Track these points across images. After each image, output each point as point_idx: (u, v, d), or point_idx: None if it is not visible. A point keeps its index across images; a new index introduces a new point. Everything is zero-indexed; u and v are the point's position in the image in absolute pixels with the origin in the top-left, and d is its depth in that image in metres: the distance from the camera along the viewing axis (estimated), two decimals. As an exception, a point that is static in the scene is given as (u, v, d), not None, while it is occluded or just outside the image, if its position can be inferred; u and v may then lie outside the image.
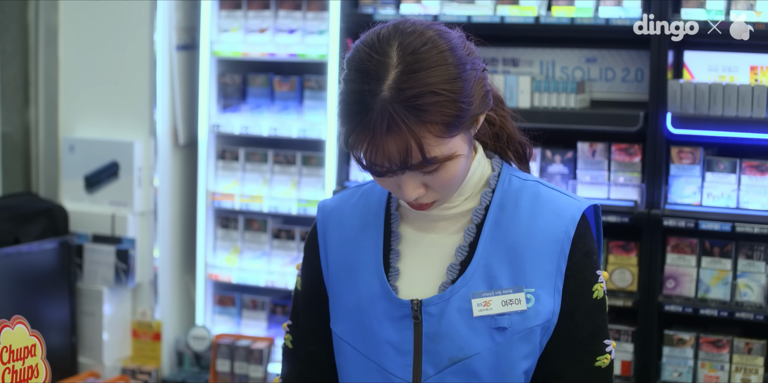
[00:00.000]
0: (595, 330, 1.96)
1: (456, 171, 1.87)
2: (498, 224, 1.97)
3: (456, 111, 1.81)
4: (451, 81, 1.81)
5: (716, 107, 3.74)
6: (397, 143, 1.79)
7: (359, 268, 2.01)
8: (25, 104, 5.04)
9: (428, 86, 1.78)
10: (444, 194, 1.92)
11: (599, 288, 1.97)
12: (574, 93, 4.02)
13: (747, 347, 3.82)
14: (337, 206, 2.10)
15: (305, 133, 4.53)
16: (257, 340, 4.68)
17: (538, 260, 1.93)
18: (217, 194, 4.74)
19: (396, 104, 1.77)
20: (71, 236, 4.64)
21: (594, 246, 1.99)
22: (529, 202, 1.98)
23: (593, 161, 4.00)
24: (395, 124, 1.77)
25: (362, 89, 1.81)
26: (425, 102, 1.78)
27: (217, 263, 4.80)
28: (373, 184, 2.09)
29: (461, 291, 1.93)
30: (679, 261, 3.91)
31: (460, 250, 1.97)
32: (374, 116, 1.78)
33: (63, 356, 4.59)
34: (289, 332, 2.12)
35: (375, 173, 1.86)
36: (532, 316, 1.92)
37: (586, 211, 1.99)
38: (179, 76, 4.75)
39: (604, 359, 1.96)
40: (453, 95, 1.80)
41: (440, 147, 1.82)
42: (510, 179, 2.01)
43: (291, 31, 4.54)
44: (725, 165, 3.83)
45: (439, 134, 1.80)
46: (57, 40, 4.88)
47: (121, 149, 4.70)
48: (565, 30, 3.98)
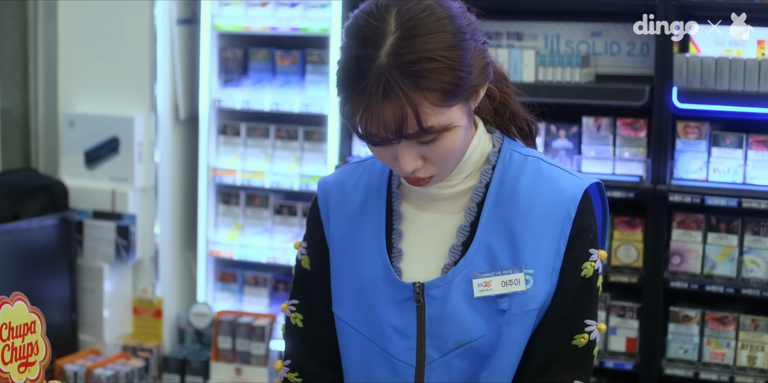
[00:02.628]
0: (576, 309, 1.92)
1: (454, 143, 1.84)
2: (498, 202, 1.93)
3: (454, 79, 1.78)
4: (450, 48, 1.78)
5: (722, 81, 3.72)
6: (393, 109, 1.76)
7: (362, 248, 1.98)
8: (25, 79, 5.01)
9: (426, 52, 1.76)
10: (442, 168, 1.88)
11: (589, 267, 1.93)
12: (579, 67, 3.99)
13: (753, 324, 3.81)
14: (337, 183, 2.07)
15: (307, 108, 4.50)
16: (259, 317, 4.67)
17: (538, 241, 1.90)
18: (218, 169, 4.72)
19: (393, 69, 1.75)
20: (71, 212, 4.63)
21: (592, 223, 1.95)
22: (529, 179, 1.94)
23: (598, 136, 3.98)
24: (392, 89, 1.75)
25: (359, 55, 1.78)
26: (422, 68, 1.75)
27: (218, 239, 4.78)
28: (373, 160, 2.06)
29: (463, 272, 1.91)
30: (685, 237, 3.89)
31: (461, 230, 1.94)
32: (370, 81, 1.76)
33: (63, 333, 4.58)
34: (297, 311, 2.07)
35: (371, 142, 1.83)
36: (530, 299, 1.89)
37: (590, 188, 1.96)
38: (180, 50, 4.73)
39: (581, 338, 1.92)
40: (451, 63, 1.78)
41: (437, 116, 1.79)
42: (511, 155, 1.98)
43: (293, 5, 4.51)
44: (731, 140, 3.81)
45: (437, 102, 1.77)
46: (56, 14, 4.85)
47: (122, 124, 4.67)
48: (569, 3, 3.97)
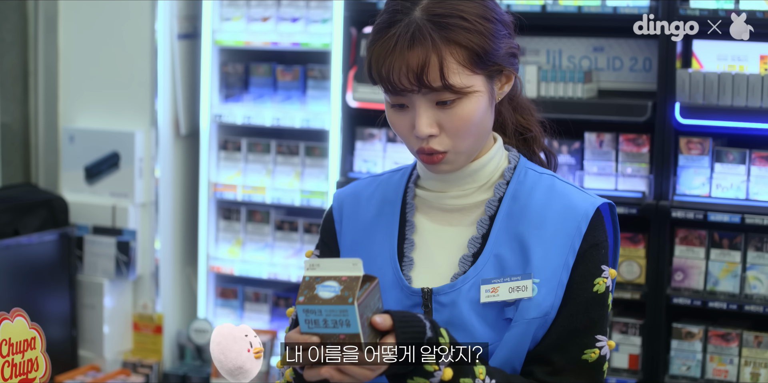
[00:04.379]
0: (588, 324, 1.94)
1: (472, 113, 1.88)
2: (510, 215, 1.97)
3: (481, 42, 1.86)
4: (482, 17, 1.88)
5: (725, 96, 3.71)
6: (419, 55, 1.83)
7: (373, 256, 2.01)
8: (25, 93, 5.01)
9: (460, 12, 1.87)
10: (456, 144, 1.91)
11: (601, 283, 1.95)
12: (581, 82, 3.98)
13: (756, 340, 3.79)
14: (352, 193, 2.11)
15: (308, 123, 4.50)
16: (260, 333, 4.64)
17: (547, 253, 1.93)
18: (219, 185, 4.71)
19: (425, 20, 1.85)
20: (71, 227, 4.62)
21: (604, 240, 1.97)
22: (542, 194, 1.98)
23: (601, 152, 3.97)
24: (420, 35, 1.83)
25: (397, 9, 1.88)
26: (453, 22, 1.85)
27: (219, 255, 4.77)
28: (390, 175, 2.10)
29: (472, 280, 1.93)
30: (688, 253, 3.87)
31: (472, 242, 1.97)
32: (401, 28, 1.85)
33: (63, 349, 4.57)
34: None
35: (391, 90, 1.87)
36: (533, 307, 1.91)
37: (602, 207, 1.99)
38: (180, 65, 4.72)
39: (592, 353, 1.94)
40: (481, 27, 1.86)
41: (460, 76, 1.85)
42: (526, 172, 2.02)
43: (294, 20, 4.51)
44: (734, 156, 3.80)
45: (462, 61, 1.85)
46: (57, 28, 4.85)
47: (122, 139, 4.67)
48: (572, 18, 3.95)
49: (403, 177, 2.09)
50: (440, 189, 2.02)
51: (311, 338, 1.71)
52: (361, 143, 4.33)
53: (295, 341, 1.72)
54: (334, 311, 1.68)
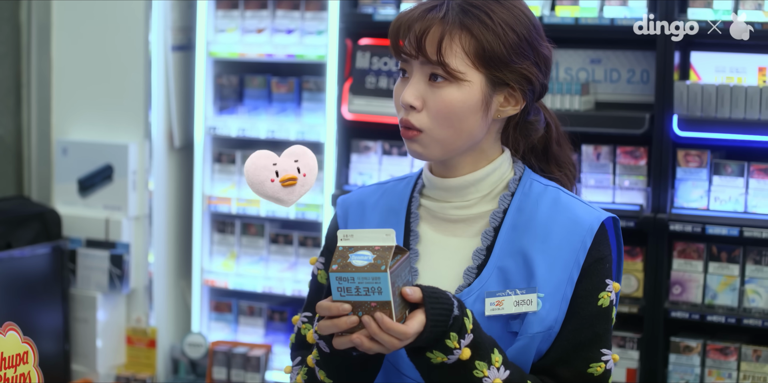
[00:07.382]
0: (593, 338, 1.95)
1: (456, 101, 1.91)
2: (515, 227, 1.98)
3: (493, 42, 1.91)
4: (509, 26, 1.93)
5: (723, 108, 3.70)
6: (428, 23, 1.91)
7: None
8: (18, 105, 4.99)
9: (491, 11, 1.92)
10: (433, 127, 1.94)
11: (606, 297, 1.97)
12: (578, 94, 3.97)
13: (755, 354, 3.78)
14: (357, 201, 2.13)
15: (303, 135, 4.48)
16: (254, 347, 4.63)
17: (551, 267, 1.94)
18: (213, 197, 4.69)
19: (457, 3, 1.93)
20: (64, 240, 4.60)
21: (608, 254, 1.99)
22: (547, 206, 1.99)
23: (598, 164, 3.95)
24: (442, 9, 1.92)
25: None
26: (477, 14, 1.91)
27: (213, 268, 4.75)
28: (395, 183, 2.13)
29: (477, 292, 1.94)
30: (686, 267, 3.86)
31: (477, 254, 1.98)
32: (428, 3, 1.96)
33: (56, 363, 4.54)
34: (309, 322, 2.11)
35: (394, 48, 1.97)
36: (537, 322, 1.92)
37: (606, 221, 2.00)
38: (175, 77, 4.71)
39: (598, 367, 1.95)
40: (501, 31, 1.92)
41: (457, 59, 1.90)
42: (531, 184, 2.04)
43: (289, 32, 4.50)
44: (733, 168, 3.78)
45: (466, 48, 1.91)
46: (50, 40, 4.84)
47: (116, 151, 4.65)
48: (569, 30, 3.94)
49: (407, 186, 2.10)
50: (443, 198, 2.03)
51: (343, 305, 1.74)
52: (356, 155, 4.32)
53: (327, 308, 1.76)
54: (367, 278, 1.73)
